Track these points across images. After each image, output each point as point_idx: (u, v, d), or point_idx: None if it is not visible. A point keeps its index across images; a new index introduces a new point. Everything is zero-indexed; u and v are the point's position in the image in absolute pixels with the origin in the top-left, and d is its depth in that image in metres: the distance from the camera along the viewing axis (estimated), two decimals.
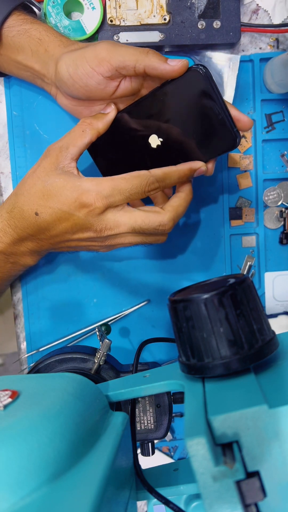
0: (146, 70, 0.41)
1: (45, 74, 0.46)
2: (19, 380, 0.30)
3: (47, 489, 0.22)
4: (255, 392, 0.25)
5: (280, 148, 0.56)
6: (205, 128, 0.43)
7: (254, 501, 0.23)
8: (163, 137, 0.45)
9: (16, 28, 0.45)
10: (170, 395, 0.44)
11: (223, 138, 0.43)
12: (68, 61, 0.43)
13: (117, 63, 0.41)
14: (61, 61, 0.43)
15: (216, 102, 0.41)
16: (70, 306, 0.56)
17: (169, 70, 0.41)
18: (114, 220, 0.42)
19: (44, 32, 0.45)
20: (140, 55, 0.41)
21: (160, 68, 0.41)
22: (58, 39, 0.45)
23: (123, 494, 0.27)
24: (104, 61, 0.41)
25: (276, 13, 0.54)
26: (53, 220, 0.42)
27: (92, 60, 0.41)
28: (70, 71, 0.43)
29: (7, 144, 0.54)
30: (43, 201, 0.42)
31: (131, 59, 0.41)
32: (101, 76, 0.42)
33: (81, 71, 0.42)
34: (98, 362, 0.43)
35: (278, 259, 0.58)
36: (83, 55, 0.42)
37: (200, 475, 0.22)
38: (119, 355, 0.51)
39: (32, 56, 0.45)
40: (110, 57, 0.41)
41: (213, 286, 0.28)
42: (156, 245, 0.56)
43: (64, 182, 0.41)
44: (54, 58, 0.44)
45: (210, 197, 0.56)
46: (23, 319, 0.56)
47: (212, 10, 0.51)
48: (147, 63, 0.41)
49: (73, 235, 0.43)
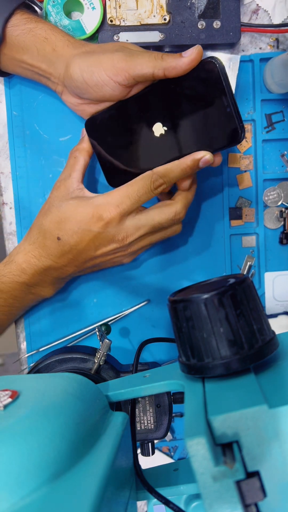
0: (166, 73, 0.42)
1: (52, 73, 0.46)
2: (19, 380, 0.30)
3: (47, 489, 0.22)
4: (255, 392, 0.25)
5: (280, 148, 0.56)
6: (211, 120, 0.43)
7: (254, 501, 0.23)
8: (167, 126, 0.45)
9: (20, 27, 0.44)
10: (170, 395, 0.44)
11: (228, 132, 0.43)
12: (83, 65, 0.43)
13: (136, 73, 0.42)
14: (74, 64, 0.43)
15: (226, 94, 0.41)
16: (70, 306, 0.56)
17: (187, 62, 0.41)
18: (134, 225, 0.44)
19: (49, 31, 0.45)
20: (156, 61, 0.41)
21: (179, 65, 0.41)
22: (65, 39, 0.45)
23: (123, 494, 0.27)
24: (122, 71, 0.42)
25: (276, 13, 0.54)
26: (75, 241, 0.44)
27: (110, 69, 0.42)
28: (84, 76, 0.43)
29: (7, 144, 0.54)
30: (62, 225, 0.44)
31: (149, 67, 0.41)
32: (117, 84, 0.43)
33: (97, 78, 0.43)
34: (98, 362, 0.43)
35: (278, 259, 0.58)
36: (100, 63, 0.42)
37: (200, 475, 0.22)
38: (119, 355, 0.51)
39: (38, 55, 0.45)
40: (128, 67, 0.42)
41: (213, 286, 0.28)
42: (156, 245, 0.56)
43: (77, 202, 0.44)
44: (63, 59, 0.44)
45: (210, 197, 0.56)
46: (23, 319, 0.56)
47: (212, 10, 0.51)
48: (165, 65, 0.41)
49: (96, 251, 0.45)
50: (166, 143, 0.45)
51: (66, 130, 0.54)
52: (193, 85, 0.43)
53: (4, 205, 0.55)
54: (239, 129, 0.42)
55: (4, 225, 0.55)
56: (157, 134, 0.45)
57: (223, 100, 0.42)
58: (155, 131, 0.45)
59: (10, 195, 0.55)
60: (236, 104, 0.42)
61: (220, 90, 0.42)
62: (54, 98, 0.52)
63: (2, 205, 0.55)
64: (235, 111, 0.42)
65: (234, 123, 0.42)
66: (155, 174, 0.43)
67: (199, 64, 0.41)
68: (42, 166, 0.54)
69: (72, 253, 0.45)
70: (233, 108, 0.42)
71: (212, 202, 0.56)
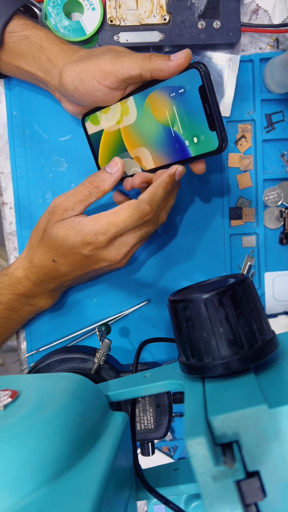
0: (152, 74, 0.41)
1: (49, 81, 0.46)
2: (19, 380, 0.30)
3: (47, 489, 0.22)
4: (255, 392, 0.25)
5: (280, 148, 0.56)
6: (194, 128, 0.42)
7: (254, 501, 0.22)
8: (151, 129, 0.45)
9: (17, 34, 0.44)
10: (170, 395, 0.44)
11: (210, 141, 0.41)
12: (73, 74, 0.43)
13: (123, 75, 0.41)
14: (65, 74, 0.43)
15: (209, 102, 0.40)
16: (70, 306, 0.56)
17: (174, 66, 0.40)
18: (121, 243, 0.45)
19: (44, 39, 0.45)
20: (143, 62, 0.41)
21: (166, 68, 0.41)
22: (59, 47, 0.45)
23: (123, 494, 0.27)
24: (110, 74, 0.42)
25: (276, 13, 0.54)
26: (69, 263, 0.46)
27: (97, 74, 0.42)
28: (75, 84, 0.43)
29: (7, 144, 0.54)
30: (55, 251, 0.45)
31: (136, 68, 0.41)
32: (107, 88, 0.43)
33: (86, 84, 0.43)
34: (98, 362, 0.43)
35: (278, 259, 0.58)
36: (87, 69, 0.42)
37: (200, 475, 0.22)
38: (119, 355, 0.51)
39: (34, 63, 0.45)
40: (115, 70, 0.41)
41: (213, 286, 0.28)
42: (156, 245, 0.56)
43: (66, 230, 0.44)
44: (57, 68, 0.45)
45: (210, 197, 0.56)
46: None
47: (212, 10, 0.51)
48: (152, 67, 0.41)
49: (92, 266, 0.47)
50: (151, 147, 0.45)
51: (66, 130, 0.54)
52: (176, 91, 0.42)
53: (4, 205, 0.55)
54: (219, 138, 0.41)
55: (4, 225, 0.55)
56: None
57: (206, 108, 0.41)
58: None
59: (10, 195, 0.55)
60: (220, 113, 0.41)
61: (203, 98, 0.40)
62: (54, 99, 0.52)
63: (2, 205, 0.55)
64: (218, 120, 0.41)
65: (216, 132, 0.41)
66: (142, 203, 0.43)
67: (187, 68, 0.40)
68: (42, 166, 0.54)
69: (68, 272, 0.47)
70: (216, 117, 0.40)
71: (212, 202, 0.56)
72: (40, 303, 0.50)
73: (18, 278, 0.48)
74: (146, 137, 0.45)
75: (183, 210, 0.56)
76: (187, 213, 0.56)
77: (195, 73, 0.40)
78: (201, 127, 0.41)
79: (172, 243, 0.56)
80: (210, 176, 0.56)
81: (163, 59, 0.41)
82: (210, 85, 0.40)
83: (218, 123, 0.41)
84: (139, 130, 0.46)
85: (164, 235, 0.56)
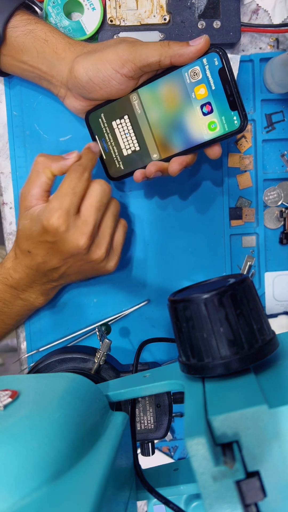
0: (172, 60, 0.42)
1: (54, 75, 0.46)
2: (19, 380, 0.30)
3: (47, 489, 0.22)
4: (255, 392, 0.25)
5: (280, 148, 0.56)
6: (216, 110, 0.43)
7: (254, 501, 0.22)
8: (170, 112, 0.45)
9: (20, 29, 0.44)
10: (170, 395, 0.44)
11: (231, 121, 0.43)
12: (87, 64, 0.43)
13: (142, 62, 0.42)
14: (78, 65, 0.43)
15: (230, 83, 0.42)
16: (70, 306, 0.56)
17: (194, 50, 0.41)
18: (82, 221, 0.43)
19: (49, 33, 0.45)
20: (162, 48, 0.41)
21: (186, 53, 0.41)
22: (65, 41, 0.45)
23: (123, 494, 0.27)
24: (128, 62, 0.42)
25: (276, 13, 0.54)
26: (42, 252, 0.45)
27: (115, 62, 0.42)
28: (90, 75, 0.43)
29: (7, 144, 0.54)
30: (27, 242, 0.45)
31: (155, 55, 0.41)
32: (124, 76, 0.43)
33: (103, 74, 0.43)
34: (98, 362, 0.43)
35: (278, 259, 0.58)
36: (104, 58, 0.42)
37: (200, 475, 0.22)
38: (119, 355, 0.51)
39: (38, 57, 0.45)
40: (133, 58, 0.42)
41: (213, 286, 0.28)
42: (156, 245, 0.56)
43: (29, 220, 0.44)
44: (66, 62, 0.45)
45: (210, 197, 0.56)
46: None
47: (212, 10, 0.51)
48: (172, 53, 0.41)
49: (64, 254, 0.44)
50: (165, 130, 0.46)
51: (66, 130, 0.54)
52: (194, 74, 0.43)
53: (4, 205, 0.55)
54: (241, 117, 0.43)
55: (4, 225, 0.55)
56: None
57: (227, 89, 0.42)
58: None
59: (10, 195, 0.55)
60: (239, 93, 0.43)
61: (224, 80, 0.42)
62: (54, 98, 0.52)
63: (2, 205, 0.55)
64: (238, 99, 0.42)
65: (237, 111, 0.43)
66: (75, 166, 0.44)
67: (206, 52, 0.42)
68: None
69: (47, 263, 0.45)
70: (236, 97, 0.42)
71: (212, 202, 0.56)
72: (31, 298, 0.50)
73: (7, 269, 0.48)
74: (161, 127, 0.46)
75: (183, 210, 0.56)
76: (187, 213, 0.56)
77: (214, 56, 0.41)
78: (222, 108, 0.43)
79: (172, 243, 0.56)
80: (210, 176, 0.56)
81: (182, 45, 0.41)
82: (230, 67, 0.42)
83: (238, 102, 0.42)
84: (152, 120, 0.46)
85: (164, 235, 0.56)
